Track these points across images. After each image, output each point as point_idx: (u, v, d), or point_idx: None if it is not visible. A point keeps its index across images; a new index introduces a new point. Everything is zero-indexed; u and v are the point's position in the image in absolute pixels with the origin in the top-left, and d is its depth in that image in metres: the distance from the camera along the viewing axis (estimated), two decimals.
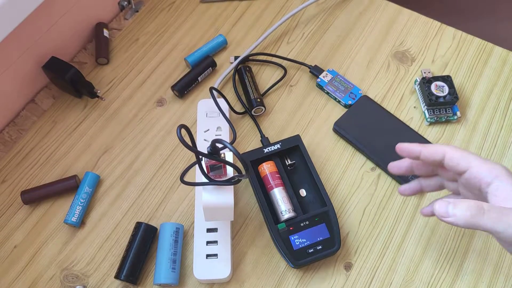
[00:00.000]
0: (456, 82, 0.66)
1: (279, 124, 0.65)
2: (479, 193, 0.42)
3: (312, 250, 0.53)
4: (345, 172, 0.61)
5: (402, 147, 0.47)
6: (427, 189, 0.50)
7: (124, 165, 0.62)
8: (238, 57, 0.68)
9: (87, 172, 0.60)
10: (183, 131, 0.41)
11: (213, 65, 0.67)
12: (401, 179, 0.59)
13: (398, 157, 0.60)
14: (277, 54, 0.69)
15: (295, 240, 0.53)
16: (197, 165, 0.45)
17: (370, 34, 0.71)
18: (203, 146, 0.60)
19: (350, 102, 0.64)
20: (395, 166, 0.50)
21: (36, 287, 0.55)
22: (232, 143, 0.59)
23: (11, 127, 0.65)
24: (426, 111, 0.64)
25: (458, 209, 0.38)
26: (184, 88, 0.66)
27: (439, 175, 0.48)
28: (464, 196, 0.46)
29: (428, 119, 0.63)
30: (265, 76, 0.68)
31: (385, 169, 0.60)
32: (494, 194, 0.40)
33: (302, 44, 0.71)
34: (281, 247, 0.53)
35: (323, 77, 0.66)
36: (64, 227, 0.58)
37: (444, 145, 0.44)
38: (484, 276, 0.55)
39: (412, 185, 0.51)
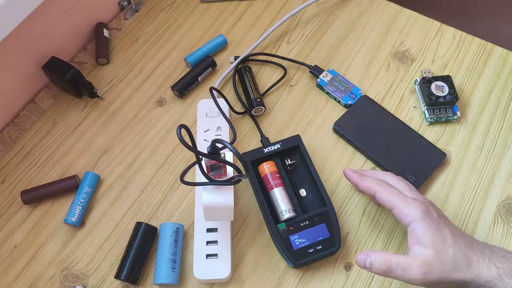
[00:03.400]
0: (456, 82, 0.66)
1: (279, 124, 0.65)
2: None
3: (312, 250, 0.53)
4: None
5: (346, 173, 0.55)
6: None
7: (124, 165, 0.62)
8: (238, 57, 0.68)
9: (87, 172, 0.60)
10: (183, 131, 0.41)
11: (213, 65, 0.67)
12: (399, 174, 0.59)
13: (398, 157, 0.60)
14: (277, 54, 0.69)
15: (295, 240, 0.53)
16: (197, 165, 0.45)
17: (370, 34, 0.71)
18: (203, 146, 0.60)
19: (350, 102, 0.64)
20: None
21: (36, 287, 0.55)
22: (232, 143, 0.59)
23: (11, 127, 0.65)
24: (426, 111, 0.64)
25: (374, 265, 0.46)
26: (184, 88, 0.66)
27: None
28: None
29: (428, 119, 0.63)
30: (265, 76, 0.68)
31: (385, 169, 0.60)
32: (410, 235, 0.47)
33: (302, 44, 0.71)
34: (281, 247, 0.53)
35: (323, 77, 0.66)
36: (64, 227, 0.58)
37: (375, 184, 0.51)
38: None
39: None
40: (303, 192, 0.59)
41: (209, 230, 0.55)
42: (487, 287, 0.45)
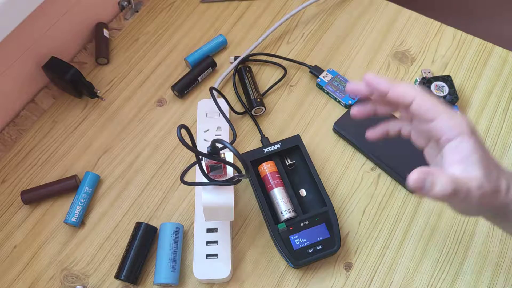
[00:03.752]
0: (456, 82, 0.67)
1: (279, 124, 0.65)
2: (433, 145, 0.42)
3: (312, 250, 0.53)
4: (345, 172, 0.61)
5: (370, 78, 0.42)
6: (381, 114, 0.47)
7: (124, 165, 0.62)
8: (238, 57, 0.68)
9: (87, 172, 0.60)
10: (183, 131, 0.41)
11: (213, 65, 0.67)
12: (399, 176, 0.59)
13: (398, 157, 0.60)
14: (277, 54, 0.69)
15: (295, 240, 0.53)
16: (197, 165, 0.45)
17: (370, 34, 0.71)
18: (203, 146, 0.60)
19: (350, 102, 0.64)
20: (358, 111, 0.47)
21: (36, 287, 0.55)
22: (232, 143, 0.59)
23: (11, 127, 0.65)
24: None
25: (436, 186, 0.36)
26: (184, 88, 0.66)
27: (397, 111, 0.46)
28: (414, 140, 0.46)
29: None
30: (265, 76, 0.68)
31: (385, 169, 0.60)
32: (455, 150, 0.39)
33: (302, 44, 0.71)
34: (281, 247, 0.53)
35: (323, 77, 0.66)
36: (64, 227, 0.58)
37: (413, 89, 0.41)
38: (484, 276, 0.55)
39: (367, 109, 0.47)
40: (303, 192, 0.59)
41: (209, 230, 0.55)
42: None
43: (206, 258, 0.54)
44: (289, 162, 0.59)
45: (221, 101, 0.63)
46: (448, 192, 0.36)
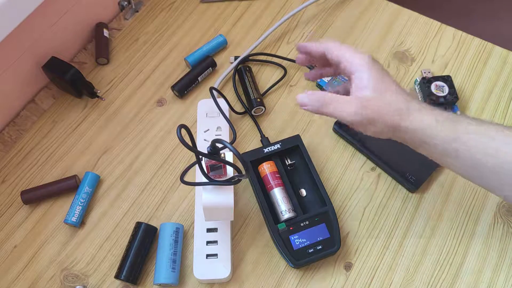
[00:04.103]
0: (456, 82, 0.66)
1: (279, 124, 0.65)
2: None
3: (312, 250, 0.53)
4: (345, 172, 0.61)
5: (299, 45, 0.52)
6: (325, 75, 0.55)
7: (124, 165, 0.62)
8: (238, 57, 0.68)
9: (87, 172, 0.60)
10: (183, 131, 0.41)
11: (213, 65, 0.67)
12: (399, 176, 0.59)
13: (398, 157, 0.60)
14: (277, 54, 0.69)
15: (295, 240, 0.53)
16: (197, 165, 0.45)
17: (370, 34, 0.71)
18: (203, 146, 0.60)
19: None
20: (299, 59, 0.54)
21: (36, 287, 0.55)
22: (232, 143, 0.59)
23: (11, 127, 0.65)
24: None
25: (311, 101, 0.47)
26: (184, 88, 0.66)
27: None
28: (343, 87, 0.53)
29: None
30: (265, 76, 0.68)
31: (385, 169, 0.60)
32: (355, 81, 0.46)
33: None
34: (281, 247, 0.53)
35: None
36: (64, 227, 0.58)
37: (329, 42, 0.49)
38: (484, 276, 0.55)
39: (314, 72, 0.56)
40: (303, 192, 0.59)
41: (209, 230, 0.55)
42: (420, 136, 0.45)
43: (206, 258, 0.54)
44: (289, 162, 0.59)
45: (221, 101, 0.63)
46: (318, 103, 0.46)
